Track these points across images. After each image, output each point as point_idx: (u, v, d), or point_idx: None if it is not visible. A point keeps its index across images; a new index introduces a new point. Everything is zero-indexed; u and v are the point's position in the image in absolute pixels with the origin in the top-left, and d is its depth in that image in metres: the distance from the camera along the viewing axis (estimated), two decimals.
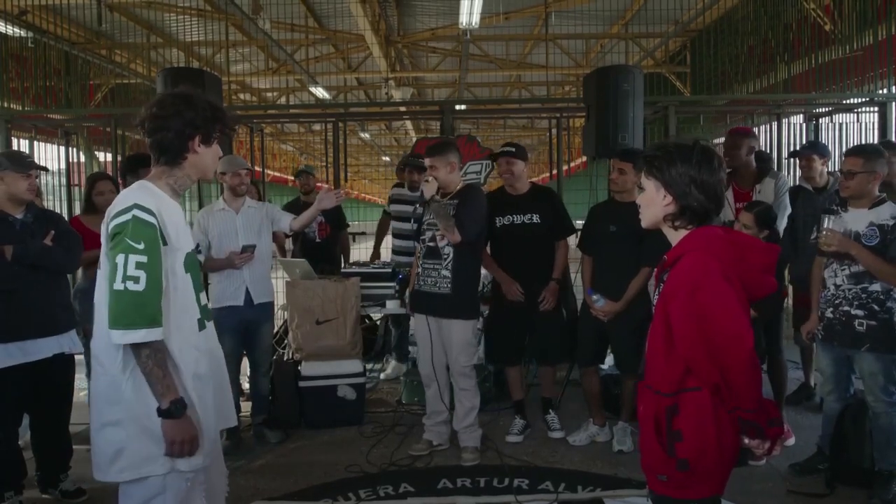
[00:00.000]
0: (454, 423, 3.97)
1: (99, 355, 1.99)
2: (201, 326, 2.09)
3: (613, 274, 3.86)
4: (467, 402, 3.89)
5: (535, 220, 4.10)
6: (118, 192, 2.96)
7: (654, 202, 1.86)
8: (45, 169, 3.98)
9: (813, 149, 4.30)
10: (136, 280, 1.85)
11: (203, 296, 2.15)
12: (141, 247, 1.87)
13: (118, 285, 1.85)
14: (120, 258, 1.86)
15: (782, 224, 4.19)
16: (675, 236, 1.88)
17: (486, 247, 4.13)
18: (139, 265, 1.86)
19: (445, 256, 3.78)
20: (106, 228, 1.97)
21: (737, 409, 1.73)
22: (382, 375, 5.59)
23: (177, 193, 2.11)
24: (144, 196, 1.96)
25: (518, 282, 4.08)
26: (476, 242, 3.83)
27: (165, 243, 1.96)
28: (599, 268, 4.00)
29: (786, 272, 4.36)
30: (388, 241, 5.78)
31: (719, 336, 1.71)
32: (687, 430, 1.77)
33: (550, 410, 4.31)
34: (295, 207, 4.80)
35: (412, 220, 4.06)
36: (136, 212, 1.90)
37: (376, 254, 5.91)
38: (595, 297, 3.73)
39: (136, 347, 1.88)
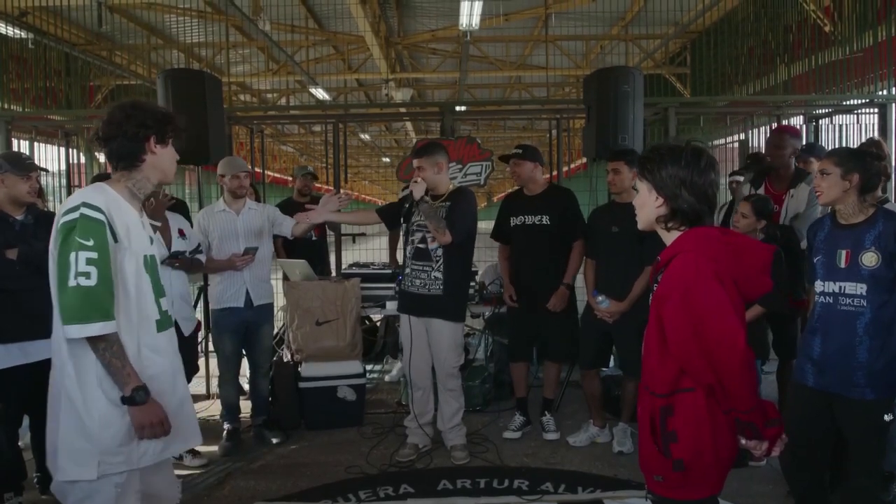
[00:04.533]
0: (440, 424, 3.99)
1: (53, 353, 2.03)
2: (160, 328, 2.11)
3: (617, 275, 3.87)
4: (455, 403, 3.94)
5: (545, 222, 4.11)
6: None
7: (646, 204, 1.88)
8: (45, 170, 3.98)
9: (810, 152, 4.28)
10: (87, 276, 1.90)
11: (164, 301, 2.17)
12: (90, 243, 1.92)
13: (71, 282, 1.90)
14: (72, 256, 1.90)
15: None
16: (668, 237, 1.89)
17: (505, 245, 4.28)
18: (89, 261, 1.91)
19: (437, 259, 3.79)
20: (55, 227, 1.99)
21: (732, 410, 1.73)
22: (388, 378, 5.57)
23: (135, 197, 2.13)
24: (93, 194, 2.01)
25: (528, 281, 4.14)
26: (465, 244, 3.84)
27: (116, 240, 1.99)
28: (602, 269, 4.00)
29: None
30: (383, 243, 5.71)
31: (711, 337, 1.71)
32: (681, 431, 1.77)
33: (547, 412, 4.32)
34: (288, 207, 4.75)
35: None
36: (83, 209, 1.95)
37: (394, 261, 5.68)
38: (599, 298, 3.72)
39: (92, 342, 1.93)
